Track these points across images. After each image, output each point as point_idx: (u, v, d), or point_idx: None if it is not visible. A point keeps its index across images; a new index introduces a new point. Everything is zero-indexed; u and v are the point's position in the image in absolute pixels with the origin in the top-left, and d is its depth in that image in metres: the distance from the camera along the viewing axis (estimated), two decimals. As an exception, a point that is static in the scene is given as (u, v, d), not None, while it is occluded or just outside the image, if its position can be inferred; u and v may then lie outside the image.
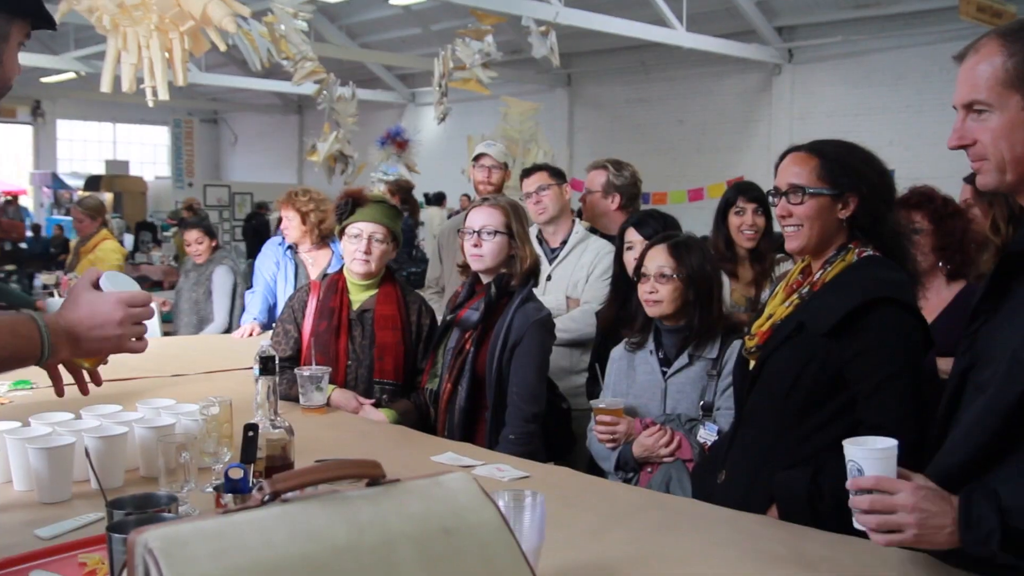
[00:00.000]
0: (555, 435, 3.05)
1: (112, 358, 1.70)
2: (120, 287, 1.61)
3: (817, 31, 13.41)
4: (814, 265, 2.18)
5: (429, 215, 12.90)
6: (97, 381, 1.71)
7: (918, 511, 1.49)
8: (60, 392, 1.66)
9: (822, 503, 1.98)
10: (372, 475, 1.09)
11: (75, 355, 1.58)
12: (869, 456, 1.56)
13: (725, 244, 3.61)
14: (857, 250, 2.11)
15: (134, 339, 1.60)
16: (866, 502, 1.54)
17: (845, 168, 2.11)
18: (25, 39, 1.60)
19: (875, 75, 12.91)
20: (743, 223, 3.54)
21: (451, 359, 2.95)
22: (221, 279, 5.20)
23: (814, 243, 2.13)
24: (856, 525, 1.58)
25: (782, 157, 2.19)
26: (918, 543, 1.53)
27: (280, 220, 4.74)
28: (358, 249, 3.10)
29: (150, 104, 5.59)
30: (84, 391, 1.68)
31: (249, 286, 5.06)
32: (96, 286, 1.59)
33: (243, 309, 5.01)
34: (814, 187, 2.10)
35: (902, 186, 2.80)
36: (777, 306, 2.21)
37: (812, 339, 2.05)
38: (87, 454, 1.86)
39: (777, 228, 2.64)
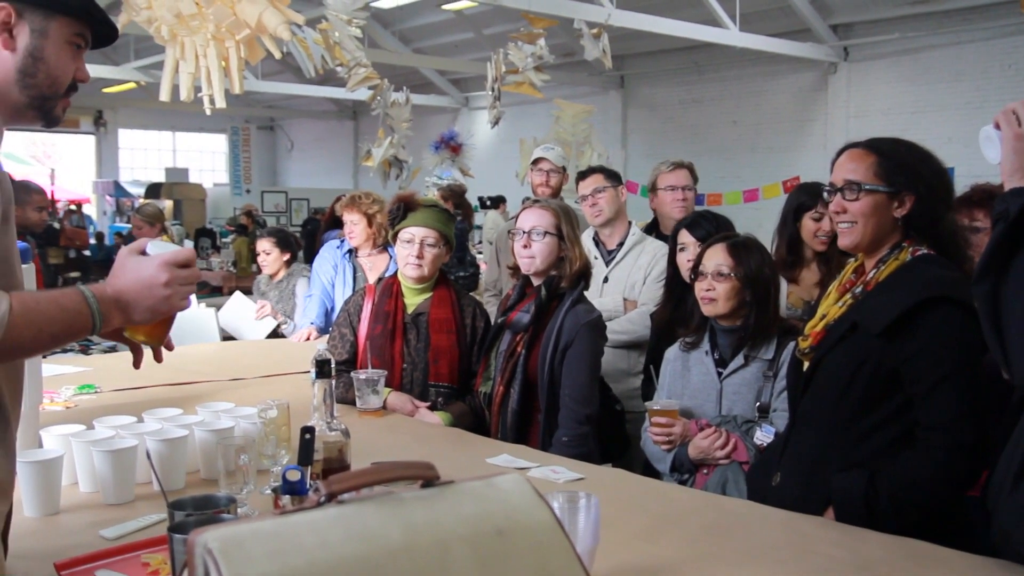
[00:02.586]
0: (609, 437, 3.04)
1: (172, 364, 1.70)
2: (165, 251, 1.58)
3: (873, 28, 13.17)
4: (867, 264, 2.15)
5: (488, 219, 12.91)
6: (158, 358, 1.70)
7: None
8: (138, 364, 1.66)
9: (879, 505, 1.95)
10: (426, 477, 1.10)
11: (128, 322, 1.56)
12: None
13: (789, 248, 3.46)
14: (911, 249, 2.08)
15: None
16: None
17: (903, 166, 2.07)
18: (79, 40, 1.60)
19: (933, 72, 12.64)
20: (820, 228, 3.40)
21: (503, 362, 2.96)
22: (303, 289, 5.14)
23: (867, 240, 2.11)
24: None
25: (839, 153, 2.17)
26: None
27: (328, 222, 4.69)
28: (410, 254, 3.12)
29: (207, 112, 5.69)
30: (138, 365, 1.68)
31: None
32: (142, 253, 1.57)
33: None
34: (870, 184, 2.07)
35: (961, 183, 2.74)
36: (830, 306, 2.18)
37: (866, 339, 2.03)
38: (148, 457, 1.90)
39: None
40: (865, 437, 2.03)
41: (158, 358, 1.69)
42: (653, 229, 4.02)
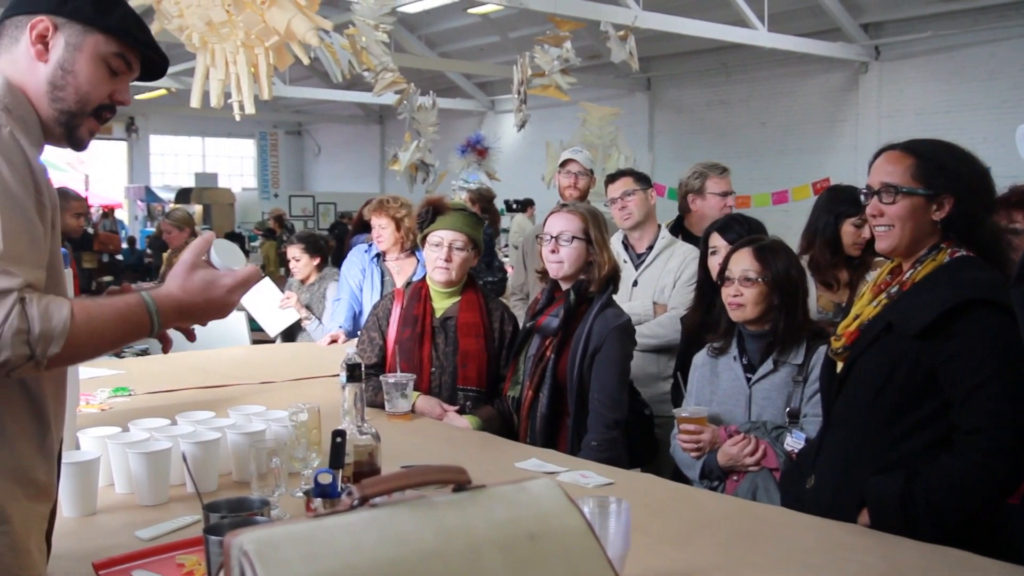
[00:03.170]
0: (638, 442, 3.03)
1: (202, 367, 1.71)
2: (226, 258, 1.61)
3: (905, 27, 13.04)
4: (904, 265, 2.13)
5: (514, 223, 12.92)
6: (191, 336, 1.72)
7: None
8: (167, 350, 1.69)
9: (916, 509, 1.92)
10: (458, 481, 1.10)
11: (183, 324, 1.61)
12: None
13: (832, 251, 3.39)
14: (949, 250, 2.05)
15: None
16: None
17: (941, 168, 2.05)
18: (117, 62, 1.61)
19: (967, 70, 12.48)
20: (861, 235, 3.34)
21: (532, 366, 2.96)
22: (334, 293, 5.17)
23: (905, 244, 2.08)
24: None
25: (876, 156, 2.14)
26: None
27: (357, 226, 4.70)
28: (439, 257, 3.13)
29: (237, 118, 5.74)
30: (192, 337, 1.70)
31: None
32: (207, 257, 1.60)
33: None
34: (908, 186, 2.05)
35: (998, 184, 2.70)
36: (864, 306, 2.16)
37: (902, 340, 2.00)
38: (184, 460, 1.92)
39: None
40: (901, 440, 2.00)
41: (191, 337, 1.71)
42: (679, 230, 4.01)
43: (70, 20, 1.56)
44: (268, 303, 5.21)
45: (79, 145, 1.63)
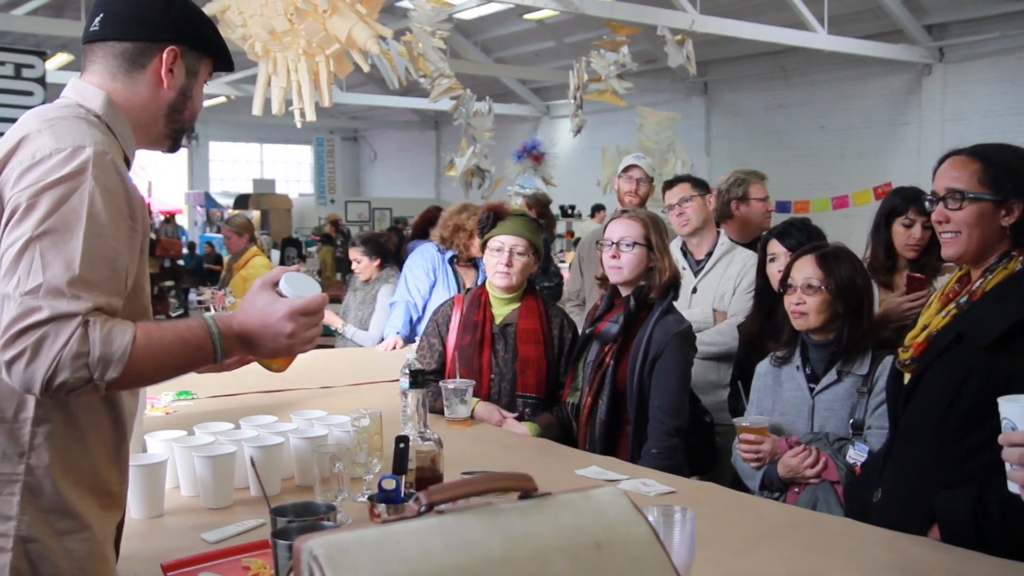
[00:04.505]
0: (698, 449, 3.00)
1: (263, 372, 1.71)
2: (299, 288, 1.58)
3: (971, 28, 12.75)
4: (973, 274, 2.07)
5: (582, 228, 12.89)
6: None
7: None
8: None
9: (989, 524, 1.87)
10: (524, 488, 1.10)
11: (250, 355, 1.61)
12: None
13: (886, 253, 3.33)
14: (1021, 258, 2.00)
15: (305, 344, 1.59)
16: (1016, 455, 1.53)
17: (1009, 172, 1.99)
18: (209, 77, 1.71)
19: (1036, 72, 12.17)
20: (911, 236, 3.26)
21: (591, 372, 2.95)
22: (384, 297, 5.23)
23: (973, 251, 2.03)
24: (1010, 486, 1.58)
25: (941, 161, 2.10)
26: None
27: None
28: (499, 262, 3.13)
29: (298, 125, 5.83)
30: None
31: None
32: (275, 284, 1.58)
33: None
34: (974, 192, 2.00)
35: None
36: (932, 316, 2.11)
37: (972, 352, 1.95)
38: (252, 464, 1.94)
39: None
40: (972, 454, 1.95)
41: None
42: None
43: (190, 47, 1.63)
44: None
45: (178, 149, 1.75)
